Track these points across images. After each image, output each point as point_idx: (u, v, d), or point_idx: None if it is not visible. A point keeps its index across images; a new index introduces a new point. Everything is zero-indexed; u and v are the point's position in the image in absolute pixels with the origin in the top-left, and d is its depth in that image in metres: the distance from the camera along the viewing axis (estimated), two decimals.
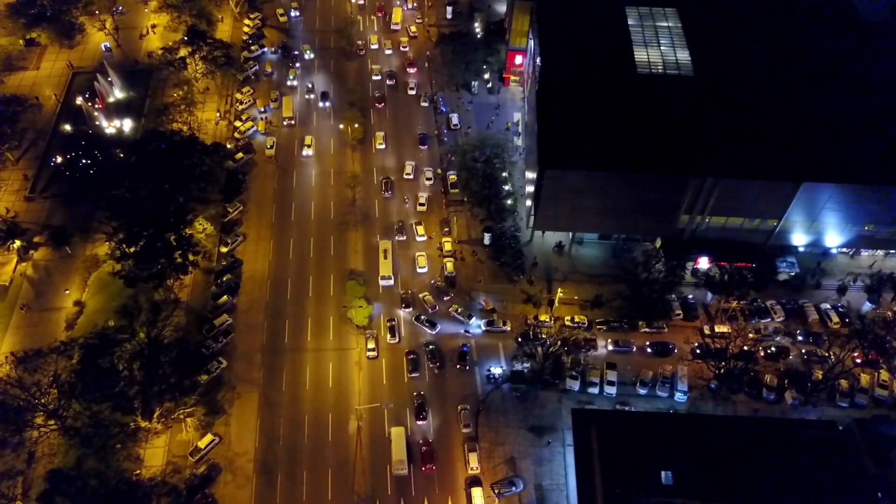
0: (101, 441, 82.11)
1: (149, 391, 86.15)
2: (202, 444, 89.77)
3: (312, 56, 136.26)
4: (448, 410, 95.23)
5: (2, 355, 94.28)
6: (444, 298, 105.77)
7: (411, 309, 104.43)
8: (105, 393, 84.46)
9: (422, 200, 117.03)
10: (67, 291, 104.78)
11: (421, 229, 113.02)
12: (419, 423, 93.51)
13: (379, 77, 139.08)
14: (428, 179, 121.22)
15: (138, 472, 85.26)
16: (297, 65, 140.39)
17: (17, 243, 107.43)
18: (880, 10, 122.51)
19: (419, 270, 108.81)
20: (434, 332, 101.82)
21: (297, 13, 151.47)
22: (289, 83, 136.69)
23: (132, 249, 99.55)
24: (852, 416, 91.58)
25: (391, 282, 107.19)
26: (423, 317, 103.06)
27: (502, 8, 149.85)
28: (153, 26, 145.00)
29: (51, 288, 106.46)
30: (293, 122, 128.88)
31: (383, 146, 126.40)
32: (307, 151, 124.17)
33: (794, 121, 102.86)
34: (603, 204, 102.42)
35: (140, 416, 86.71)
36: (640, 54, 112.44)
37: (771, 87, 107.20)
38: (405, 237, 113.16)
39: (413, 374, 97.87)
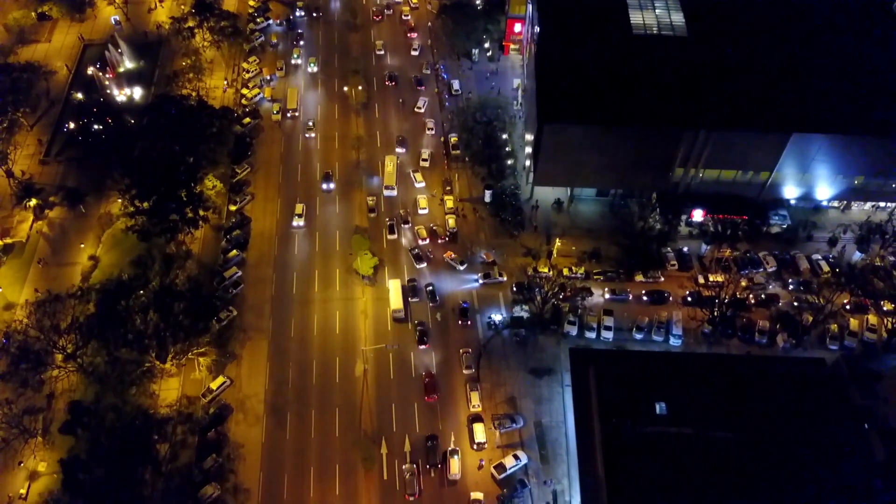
0: (118, 377, 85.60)
1: (163, 333, 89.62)
2: (214, 385, 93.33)
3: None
4: (451, 353, 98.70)
5: (20, 306, 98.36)
6: (439, 242, 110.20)
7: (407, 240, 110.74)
8: (121, 335, 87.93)
9: (424, 156, 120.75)
10: (83, 246, 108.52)
11: (419, 176, 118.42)
12: (421, 347, 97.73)
13: (382, 52, 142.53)
14: (429, 130, 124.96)
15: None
16: (301, 42, 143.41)
17: (34, 202, 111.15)
18: None
19: (420, 211, 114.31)
20: (419, 266, 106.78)
21: None
22: (293, 61, 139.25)
23: (145, 205, 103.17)
24: None
25: (394, 192, 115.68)
26: (415, 251, 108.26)
27: None
28: (161, 0, 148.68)
29: (66, 244, 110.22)
30: (297, 114, 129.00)
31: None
32: (310, 134, 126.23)
33: (785, 76, 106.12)
34: (600, 158, 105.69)
35: (155, 357, 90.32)
36: (635, 17, 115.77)
37: (763, 46, 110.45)
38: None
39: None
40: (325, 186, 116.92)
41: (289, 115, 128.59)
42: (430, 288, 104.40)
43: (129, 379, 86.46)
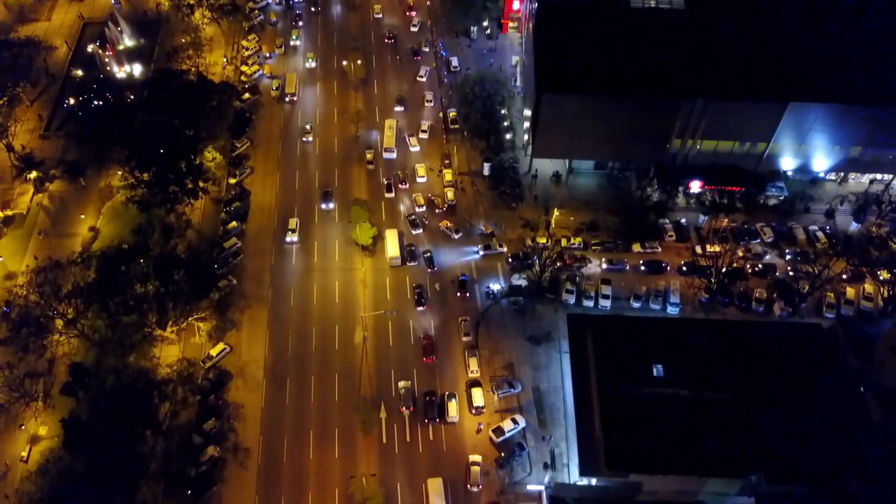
0: (118, 341, 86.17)
1: (163, 299, 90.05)
2: (214, 352, 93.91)
3: (315, 65, 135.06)
4: (450, 321, 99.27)
5: (21, 273, 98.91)
6: (437, 211, 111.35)
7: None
8: (121, 300, 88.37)
9: (424, 127, 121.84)
10: (83, 217, 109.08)
11: (414, 140, 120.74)
12: (419, 309, 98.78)
13: (381, 15, 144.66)
14: (428, 102, 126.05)
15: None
16: (300, 23, 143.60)
17: (34, 174, 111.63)
18: None
19: (419, 179, 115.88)
20: (415, 232, 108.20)
21: None
22: (292, 42, 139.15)
23: (145, 176, 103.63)
24: None
25: (393, 155, 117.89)
26: (412, 217, 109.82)
27: None
28: None
29: (66, 216, 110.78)
30: (295, 98, 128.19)
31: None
32: (307, 138, 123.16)
33: (782, 46, 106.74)
34: (598, 129, 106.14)
35: (155, 323, 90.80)
36: None
37: (760, 18, 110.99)
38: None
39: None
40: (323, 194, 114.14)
41: (287, 98, 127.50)
42: (429, 254, 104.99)
43: (130, 342, 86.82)
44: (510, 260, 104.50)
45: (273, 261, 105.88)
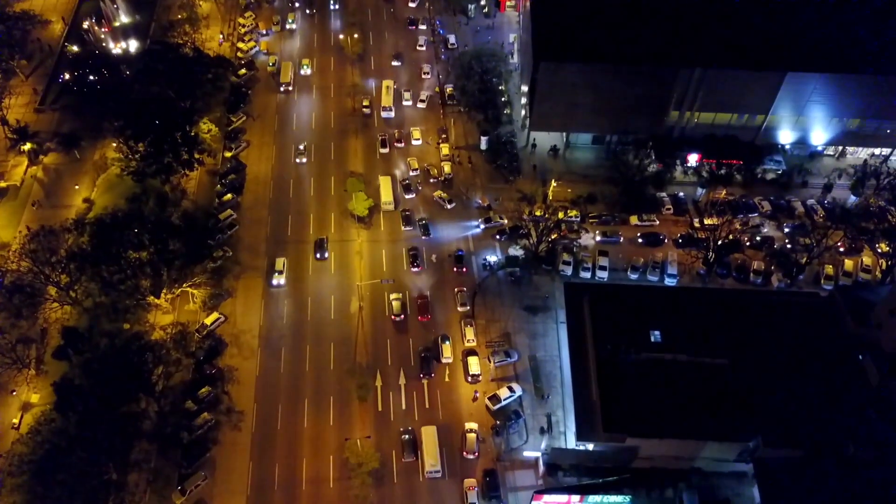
0: (112, 306, 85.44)
1: (157, 265, 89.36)
2: (208, 321, 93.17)
3: (311, 71, 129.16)
4: (446, 292, 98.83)
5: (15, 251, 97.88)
6: (431, 181, 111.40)
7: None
8: (115, 266, 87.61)
9: (422, 97, 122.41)
10: (77, 187, 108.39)
11: (408, 95, 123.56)
12: (413, 269, 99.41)
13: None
14: (425, 74, 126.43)
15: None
16: (297, 4, 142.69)
17: (28, 145, 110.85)
18: None
19: (414, 143, 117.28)
20: (408, 196, 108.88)
21: None
22: (288, 26, 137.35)
23: (140, 146, 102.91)
24: None
25: (391, 114, 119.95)
26: (406, 181, 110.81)
27: None
28: None
29: (60, 188, 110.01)
30: (290, 88, 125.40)
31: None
32: (305, 71, 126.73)
33: (780, 18, 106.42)
34: (595, 100, 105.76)
35: (149, 291, 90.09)
36: None
37: None
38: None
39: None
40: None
41: (282, 88, 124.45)
42: (423, 222, 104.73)
43: (123, 307, 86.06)
44: (497, 236, 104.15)
45: (268, 231, 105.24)
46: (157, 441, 80.00)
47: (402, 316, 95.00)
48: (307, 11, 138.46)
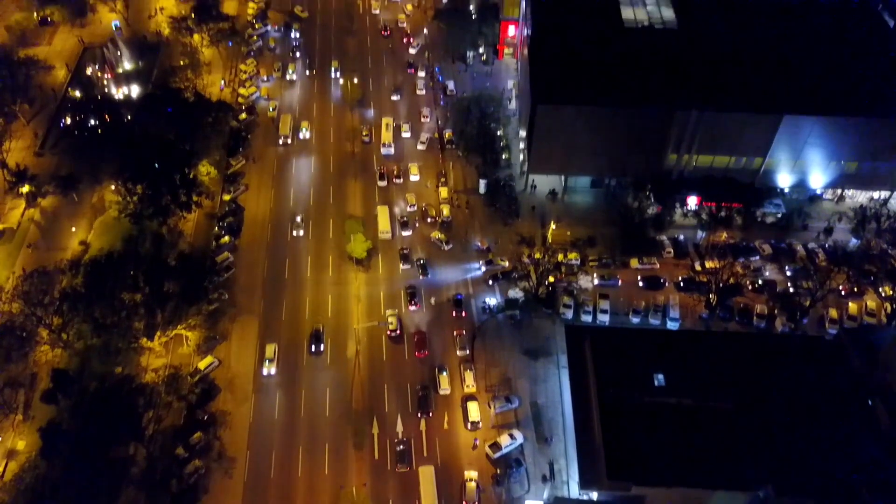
0: (104, 347, 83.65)
1: (152, 306, 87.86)
2: (202, 365, 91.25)
3: (310, 135, 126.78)
4: (446, 336, 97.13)
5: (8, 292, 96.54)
6: (428, 221, 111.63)
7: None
8: (108, 307, 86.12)
9: (422, 139, 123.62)
10: (74, 230, 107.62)
11: (406, 127, 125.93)
12: (411, 308, 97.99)
13: (387, 32, 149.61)
14: (424, 117, 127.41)
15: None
16: (297, 54, 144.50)
17: (26, 188, 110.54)
18: None
19: (412, 178, 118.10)
20: (405, 234, 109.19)
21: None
22: (288, 77, 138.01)
23: (138, 188, 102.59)
24: None
25: (391, 150, 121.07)
26: (404, 218, 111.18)
27: None
28: (161, 8, 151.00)
29: (57, 231, 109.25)
30: (289, 141, 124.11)
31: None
32: (304, 134, 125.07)
33: (775, 62, 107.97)
34: (594, 142, 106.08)
35: (143, 333, 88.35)
36: (626, 13, 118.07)
37: (753, 35, 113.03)
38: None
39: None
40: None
41: (281, 141, 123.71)
42: (421, 261, 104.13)
43: (115, 349, 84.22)
44: (496, 278, 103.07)
45: (265, 274, 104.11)
46: (145, 488, 77.10)
47: (399, 331, 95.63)
48: (307, 72, 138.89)
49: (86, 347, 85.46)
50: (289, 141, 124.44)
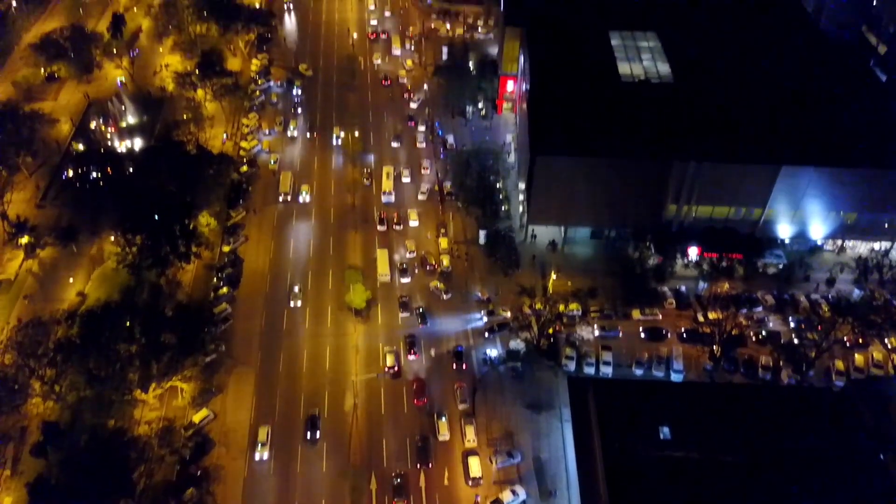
0: (96, 400, 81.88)
1: (147, 358, 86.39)
2: (196, 418, 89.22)
3: (310, 199, 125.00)
4: (446, 388, 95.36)
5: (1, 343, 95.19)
6: (427, 269, 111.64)
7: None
8: (103, 358, 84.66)
9: (422, 190, 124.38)
10: (71, 281, 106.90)
11: (406, 172, 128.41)
12: (410, 357, 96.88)
13: (388, 82, 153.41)
14: (424, 169, 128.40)
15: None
16: (299, 110, 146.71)
17: (25, 239, 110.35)
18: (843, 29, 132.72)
19: (412, 224, 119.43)
20: (404, 281, 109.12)
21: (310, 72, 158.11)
22: (289, 133, 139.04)
23: (137, 239, 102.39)
24: None
25: (392, 198, 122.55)
26: (404, 265, 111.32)
27: (494, 49, 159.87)
28: (166, 65, 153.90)
29: (55, 282, 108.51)
30: (289, 198, 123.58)
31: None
32: (304, 198, 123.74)
33: (774, 113, 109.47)
34: (593, 193, 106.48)
35: (137, 385, 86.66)
36: (623, 67, 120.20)
37: (750, 88, 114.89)
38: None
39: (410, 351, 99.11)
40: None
41: (281, 198, 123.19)
42: (421, 310, 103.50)
43: (108, 401, 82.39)
44: (486, 334, 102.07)
45: (263, 325, 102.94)
46: None
47: (396, 367, 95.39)
48: (308, 134, 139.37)
49: (78, 399, 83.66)
50: (289, 198, 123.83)
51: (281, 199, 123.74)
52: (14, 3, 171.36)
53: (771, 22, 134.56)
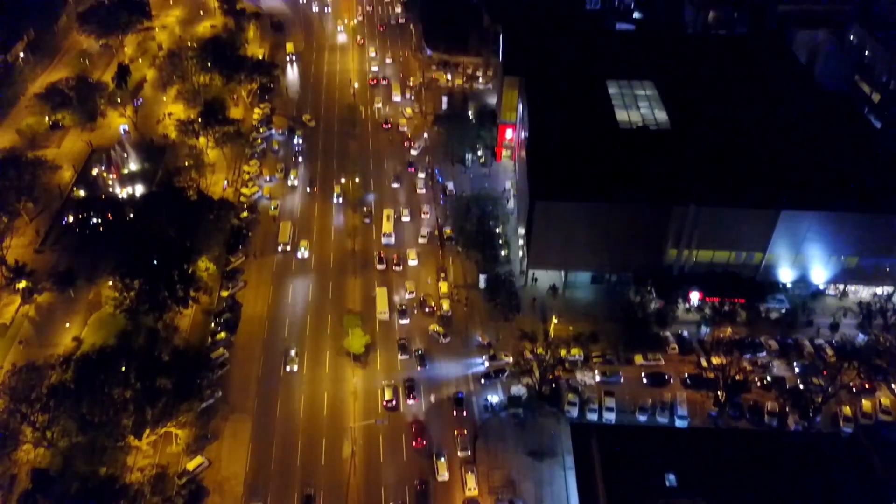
0: (89, 446, 79.98)
1: (142, 403, 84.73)
2: (191, 466, 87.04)
3: (308, 254, 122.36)
4: (446, 435, 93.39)
5: None
6: (426, 310, 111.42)
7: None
8: (97, 403, 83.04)
9: (423, 233, 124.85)
10: (67, 325, 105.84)
11: (405, 212, 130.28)
12: (409, 401, 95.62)
13: (388, 125, 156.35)
14: (424, 214, 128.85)
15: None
16: (300, 159, 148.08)
17: (23, 283, 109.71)
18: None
19: (411, 263, 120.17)
20: (403, 322, 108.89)
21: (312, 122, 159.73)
22: (290, 182, 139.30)
23: (135, 283, 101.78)
24: None
25: (392, 240, 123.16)
26: (403, 306, 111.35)
27: (493, 99, 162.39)
28: (169, 114, 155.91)
29: (51, 327, 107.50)
30: (288, 248, 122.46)
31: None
32: (303, 253, 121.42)
33: (771, 159, 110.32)
34: (593, 238, 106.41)
35: (131, 431, 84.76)
36: (621, 114, 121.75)
37: (748, 134, 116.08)
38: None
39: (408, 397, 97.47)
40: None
41: (280, 248, 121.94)
42: (420, 353, 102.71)
43: (101, 447, 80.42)
44: (482, 380, 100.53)
45: (260, 371, 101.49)
46: None
47: (395, 402, 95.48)
48: (307, 189, 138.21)
49: (70, 446, 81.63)
50: (288, 248, 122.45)
51: (280, 248, 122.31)
52: (21, 55, 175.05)
53: (765, 71, 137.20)
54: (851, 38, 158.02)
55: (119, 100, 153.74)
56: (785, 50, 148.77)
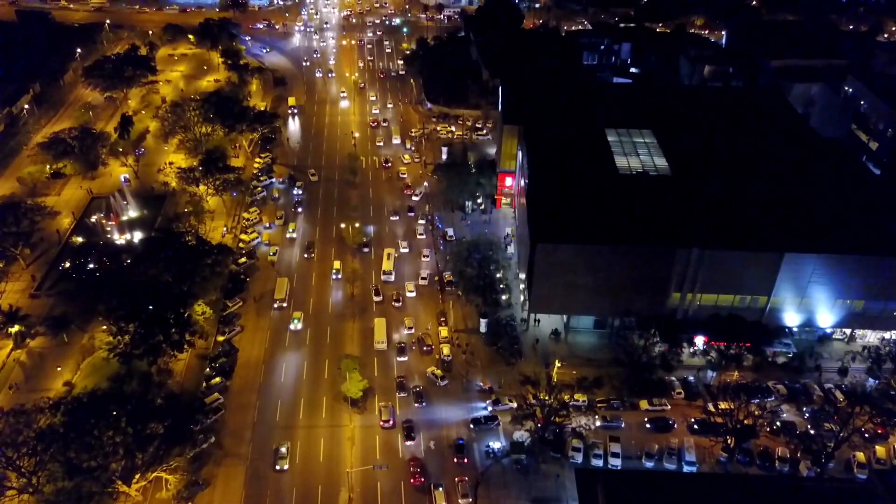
0: (75, 491, 76.80)
1: (132, 449, 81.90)
2: None
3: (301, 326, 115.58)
4: (447, 482, 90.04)
5: None
6: (424, 349, 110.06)
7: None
8: (87, 449, 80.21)
9: (423, 275, 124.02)
10: (59, 369, 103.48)
11: (403, 244, 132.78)
12: (408, 443, 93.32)
13: (389, 164, 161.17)
14: (424, 257, 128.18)
15: None
16: (300, 210, 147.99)
17: (16, 327, 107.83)
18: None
19: (409, 294, 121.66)
20: (401, 359, 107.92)
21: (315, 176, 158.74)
22: (288, 236, 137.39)
23: (130, 327, 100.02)
24: None
25: (392, 277, 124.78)
26: (402, 343, 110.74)
27: (492, 149, 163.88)
28: (171, 163, 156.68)
29: (42, 372, 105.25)
30: (284, 305, 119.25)
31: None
32: (295, 326, 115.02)
33: (775, 201, 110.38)
34: (594, 282, 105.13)
35: (119, 478, 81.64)
36: (620, 161, 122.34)
37: (749, 179, 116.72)
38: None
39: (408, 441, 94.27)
40: None
41: (276, 305, 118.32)
42: (418, 390, 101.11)
43: (88, 493, 77.14)
44: (471, 425, 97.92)
45: (255, 417, 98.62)
46: None
47: (391, 422, 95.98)
48: (305, 255, 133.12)
49: (56, 491, 78.31)
50: (284, 304, 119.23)
51: (276, 305, 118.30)
52: (27, 107, 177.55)
53: (763, 121, 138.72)
54: (847, 88, 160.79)
55: (121, 149, 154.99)
56: (781, 101, 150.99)
